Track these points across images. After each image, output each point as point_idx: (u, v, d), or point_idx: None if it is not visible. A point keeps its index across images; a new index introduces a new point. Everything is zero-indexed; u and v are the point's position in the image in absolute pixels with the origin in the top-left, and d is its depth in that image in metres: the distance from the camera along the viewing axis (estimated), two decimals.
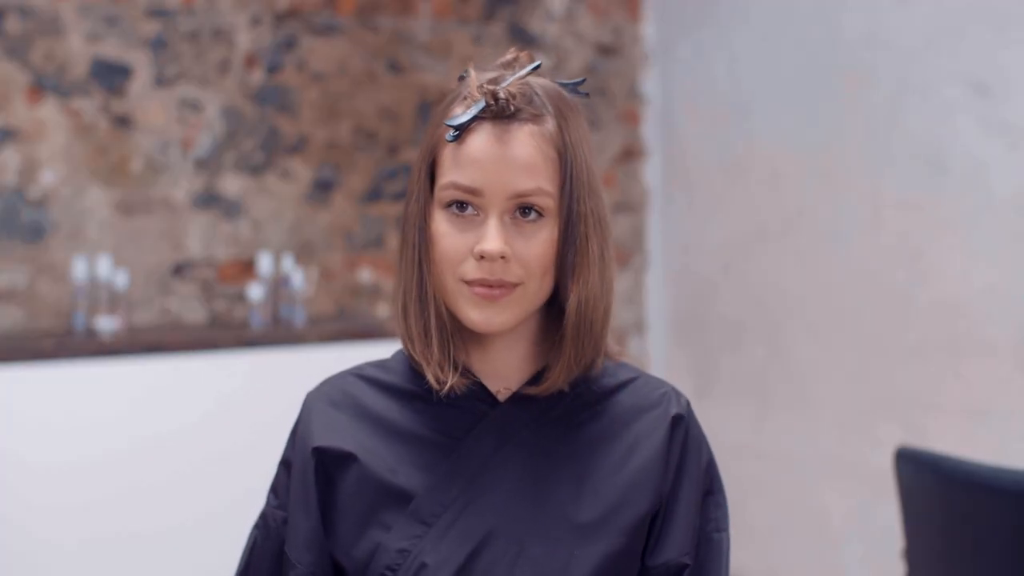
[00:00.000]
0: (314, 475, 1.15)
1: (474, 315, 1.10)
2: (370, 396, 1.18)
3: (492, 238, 1.08)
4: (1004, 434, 2.66)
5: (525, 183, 1.09)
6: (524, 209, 1.10)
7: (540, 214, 1.10)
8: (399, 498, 1.13)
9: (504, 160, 1.09)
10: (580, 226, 1.11)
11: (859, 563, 3.02)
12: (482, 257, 1.08)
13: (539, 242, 1.10)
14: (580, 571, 1.10)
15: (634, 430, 1.16)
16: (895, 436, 2.85)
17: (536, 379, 1.16)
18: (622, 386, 1.19)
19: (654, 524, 1.14)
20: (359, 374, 1.20)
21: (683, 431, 1.17)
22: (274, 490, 1.20)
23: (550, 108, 1.12)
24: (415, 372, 1.16)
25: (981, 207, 2.72)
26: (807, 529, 3.17)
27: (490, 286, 1.09)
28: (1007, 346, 2.67)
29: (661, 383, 1.20)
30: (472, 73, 1.13)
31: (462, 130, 1.10)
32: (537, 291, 1.11)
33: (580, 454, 1.14)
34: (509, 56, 1.16)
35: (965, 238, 2.75)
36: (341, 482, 1.15)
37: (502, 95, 1.09)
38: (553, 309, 1.16)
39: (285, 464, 1.19)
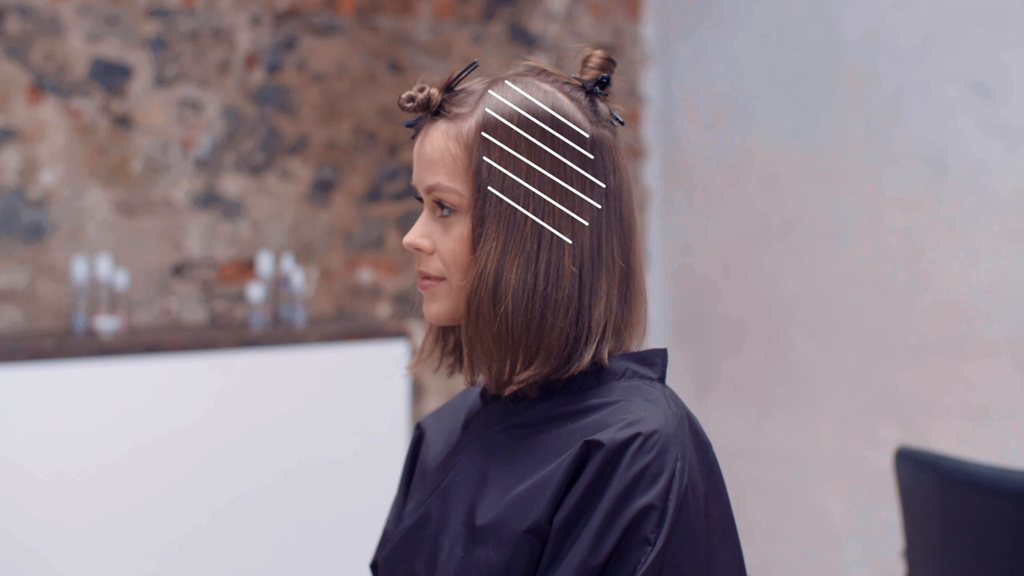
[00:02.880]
0: (411, 448, 1.28)
1: (423, 304, 1.15)
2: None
3: (411, 230, 1.13)
4: (1004, 434, 2.66)
5: (428, 178, 1.11)
6: (441, 204, 1.11)
7: (452, 209, 1.10)
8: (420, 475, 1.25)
9: (419, 156, 1.12)
10: (486, 224, 1.08)
11: (859, 563, 3.02)
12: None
13: (452, 238, 1.10)
14: (469, 574, 1.06)
15: (557, 445, 1.07)
16: (895, 436, 2.85)
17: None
18: (599, 407, 1.09)
19: (545, 552, 1.04)
20: None
21: (605, 459, 1.03)
22: None
23: (479, 111, 1.10)
24: None
25: (981, 207, 2.72)
26: (807, 529, 3.17)
27: (424, 276, 1.13)
28: (1007, 346, 2.66)
29: (641, 422, 1.05)
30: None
31: (418, 129, 1.14)
32: (464, 287, 1.10)
33: (510, 461, 1.11)
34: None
35: (965, 238, 2.75)
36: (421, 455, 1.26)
37: (419, 95, 1.12)
38: None
39: None
